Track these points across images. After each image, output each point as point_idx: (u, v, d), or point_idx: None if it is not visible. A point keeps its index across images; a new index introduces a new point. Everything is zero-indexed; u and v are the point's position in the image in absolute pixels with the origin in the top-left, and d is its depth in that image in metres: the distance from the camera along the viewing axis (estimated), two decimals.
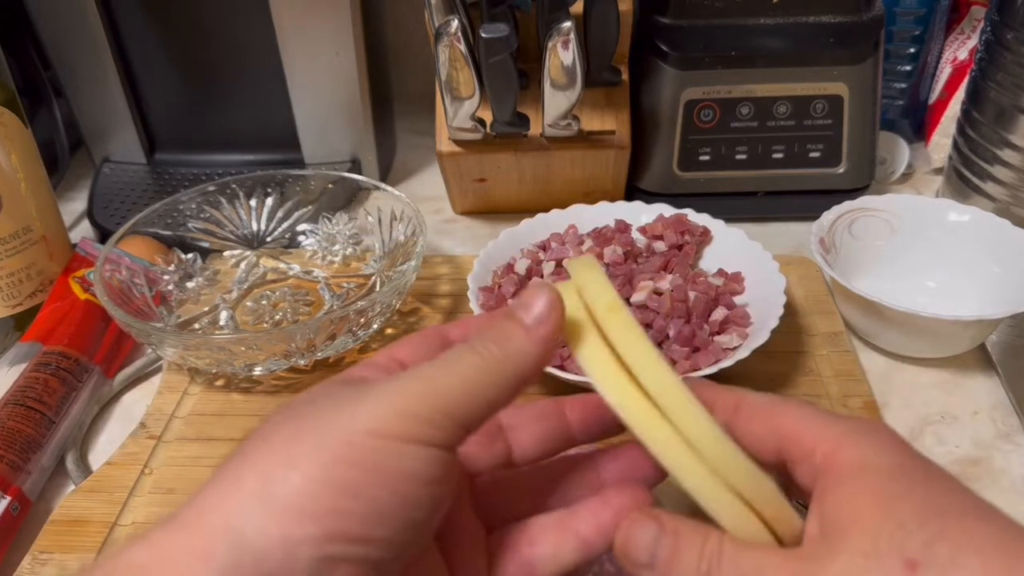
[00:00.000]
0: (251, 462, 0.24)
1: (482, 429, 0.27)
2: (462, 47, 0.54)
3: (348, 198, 0.65)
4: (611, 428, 0.32)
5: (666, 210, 0.60)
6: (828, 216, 0.57)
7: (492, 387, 0.26)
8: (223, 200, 0.63)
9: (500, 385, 0.26)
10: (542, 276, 0.54)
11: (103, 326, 0.56)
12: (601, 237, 0.56)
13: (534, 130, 0.61)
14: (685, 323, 0.49)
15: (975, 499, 0.26)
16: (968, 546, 0.24)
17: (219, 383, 0.54)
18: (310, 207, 0.64)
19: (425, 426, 0.25)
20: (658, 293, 0.51)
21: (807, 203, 0.64)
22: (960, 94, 0.69)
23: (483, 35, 0.53)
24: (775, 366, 0.52)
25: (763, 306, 0.51)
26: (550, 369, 0.48)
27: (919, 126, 0.77)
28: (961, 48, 0.72)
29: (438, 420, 0.25)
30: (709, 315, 0.50)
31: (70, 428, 0.51)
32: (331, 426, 0.24)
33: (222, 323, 0.58)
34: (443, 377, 0.26)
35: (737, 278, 0.54)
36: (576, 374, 0.48)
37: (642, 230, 0.58)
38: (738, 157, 0.65)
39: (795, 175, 0.66)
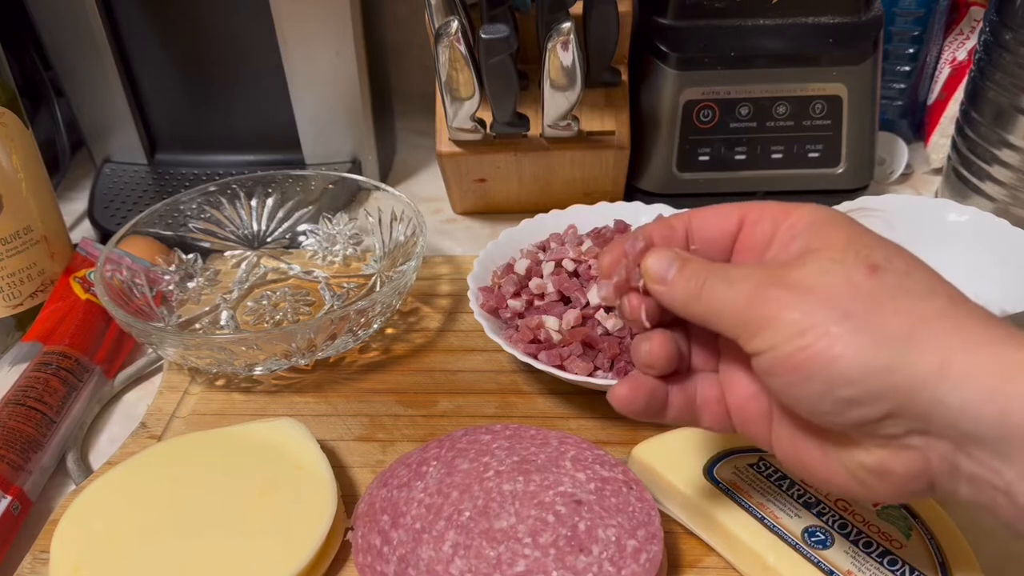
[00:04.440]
0: None
1: None
2: (462, 48, 0.54)
3: (348, 198, 0.65)
4: None
5: (665, 210, 0.60)
6: None
7: None
8: (224, 200, 0.63)
9: None
10: (542, 276, 0.54)
11: (104, 326, 0.56)
12: (600, 237, 0.56)
13: (534, 130, 0.62)
14: None
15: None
16: (920, 265, 0.30)
17: (220, 383, 0.54)
18: (310, 207, 0.64)
19: None
20: None
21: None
22: (959, 94, 0.69)
23: (483, 36, 0.53)
24: None
25: None
26: (550, 369, 0.48)
27: (918, 126, 0.77)
28: (960, 48, 0.72)
29: None
30: None
31: (71, 428, 0.51)
32: None
33: (223, 323, 0.58)
34: None
35: None
36: (576, 374, 0.48)
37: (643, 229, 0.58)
38: (737, 157, 0.65)
39: (794, 175, 0.66)
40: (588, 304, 0.51)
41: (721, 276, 0.31)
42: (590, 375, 0.48)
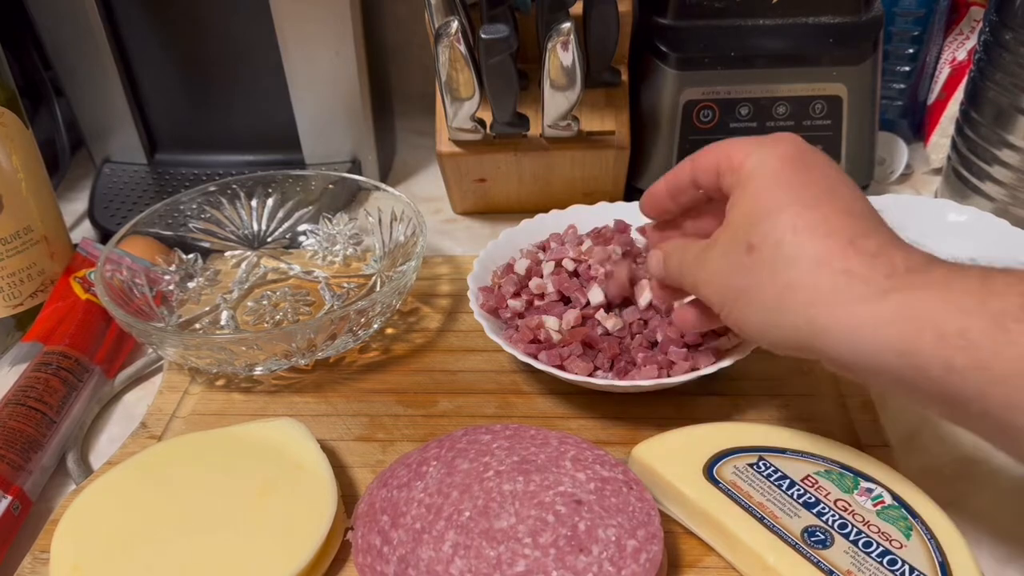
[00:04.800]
0: None
1: None
2: (462, 48, 0.54)
3: (348, 198, 0.65)
4: None
5: None
6: None
7: None
8: (224, 200, 0.63)
9: None
10: (542, 276, 0.54)
11: (104, 326, 0.56)
12: (600, 237, 0.56)
13: (534, 130, 0.62)
14: (671, 325, 0.50)
15: (826, 191, 0.36)
16: (791, 233, 0.35)
17: (220, 383, 0.54)
18: (311, 207, 0.64)
19: None
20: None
21: None
22: (959, 94, 0.69)
23: (483, 36, 0.53)
24: (773, 366, 0.52)
25: None
26: (550, 369, 0.48)
27: (918, 126, 0.77)
28: (960, 49, 0.72)
29: None
30: None
31: (71, 428, 0.51)
32: None
33: (223, 323, 0.58)
34: None
35: None
36: (576, 374, 0.48)
37: (641, 230, 0.58)
38: None
39: None
40: (588, 304, 0.51)
41: (678, 265, 0.42)
42: (590, 375, 0.48)
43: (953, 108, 0.71)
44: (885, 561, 0.37)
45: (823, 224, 0.35)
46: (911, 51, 0.72)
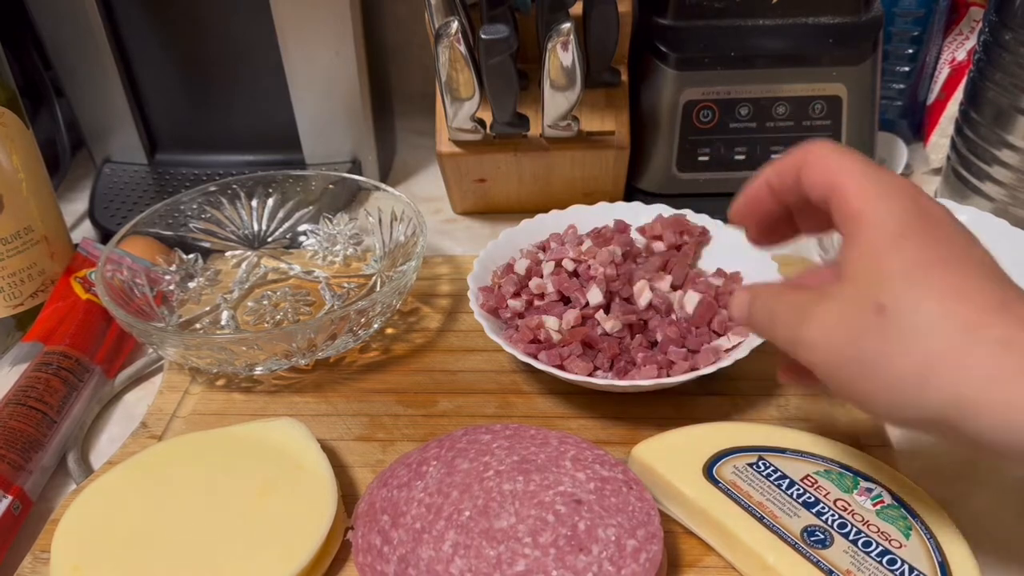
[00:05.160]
0: None
1: None
2: (462, 48, 0.54)
3: (348, 198, 0.65)
4: None
5: (665, 210, 0.60)
6: None
7: None
8: (224, 200, 0.63)
9: None
10: (542, 276, 0.54)
11: (104, 326, 0.56)
12: (600, 237, 0.56)
13: (534, 131, 0.62)
14: (671, 325, 0.50)
15: (961, 251, 0.32)
16: (932, 294, 0.30)
17: (220, 383, 0.54)
18: (311, 207, 0.65)
19: None
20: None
21: None
22: (958, 95, 0.69)
23: (483, 36, 0.53)
24: (774, 366, 0.52)
25: None
26: (550, 369, 0.48)
27: (917, 127, 0.77)
28: (959, 49, 0.72)
29: None
30: (711, 321, 0.51)
31: (71, 428, 0.51)
32: None
33: (223, 323, 0.58)
34: None
35: (736, 278, 0.54)
36: (575, 374, 0.48)
37: (641, 230, 0.58)
38: (737, 158, 0.65)
39: None
40: (588, 304, 0.51)
41: (770, 315, 0.36)
42: (590, 375, 0.49)
43: (953, 108, 0.71)
44: (885, 561, 0.37)
45: (965, 286, 0.30)
46: (911, 51, 0.72)
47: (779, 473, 0.41)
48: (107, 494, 0.43)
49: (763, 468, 0.42)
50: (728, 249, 0.57)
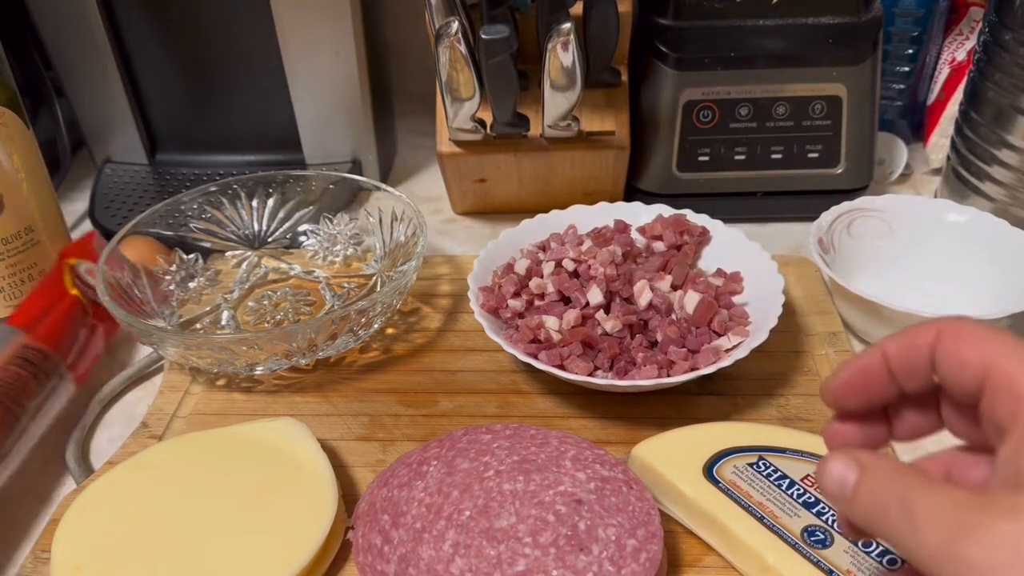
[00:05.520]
0: None
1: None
2: (462, 48, 0.54)
3: (349, 198, 0.65)
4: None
5: (665, 210, 0.60)
6: (827, 216, 0.57)
7: None
8: (224, 200, 0.63)
9: None
10: (542, 276, 0.54)
11: (80, 326, 0.54)
12: (600, 237, 0.56)
13: (534, 131, 0.62)
14: (671, 325, 0.50)
15: None
16: None
17: (220, 383, 0.54)
18: (311, 207, 0.65)
19: None
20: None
21: (806, 203, 0.65)
22: (958, 95, 0.69)
23: (483, 36, 0.53)
24: (774, 366, 0.52)
25: (762, 306, 0.52)
26: (550, 369, 0.48)
27: (917, 127, 0.77)
28: (959, 49, 0.73)
29: None
30: (711, 321, 0.51)
31: (28, 436, 0.48)
32: None
33: (223, 323, 0.58)
34: None
35: (736, 278, 0.54)
36: (576, 374, 0.48)
37: (641, 230, 0.58)
38: (737, 158, 0.65)
39: (794, 175, 0.66)
40: (588, 304, 0.51)
41: (906, 513, 0.25)
42: (590, 375, 0.49)
43: (952, 108, 0.71)
44: (885, 561, 0.37)
45: None
46: (911, 51, 0.72)
47: (779, 473, 0.41)
48: (107, 494, 0.43)
49: (763, 468, 0.42)
50: (728, 249, 0.57)
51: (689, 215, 0.59)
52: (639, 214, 0.60)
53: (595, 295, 0.51)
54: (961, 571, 0.23)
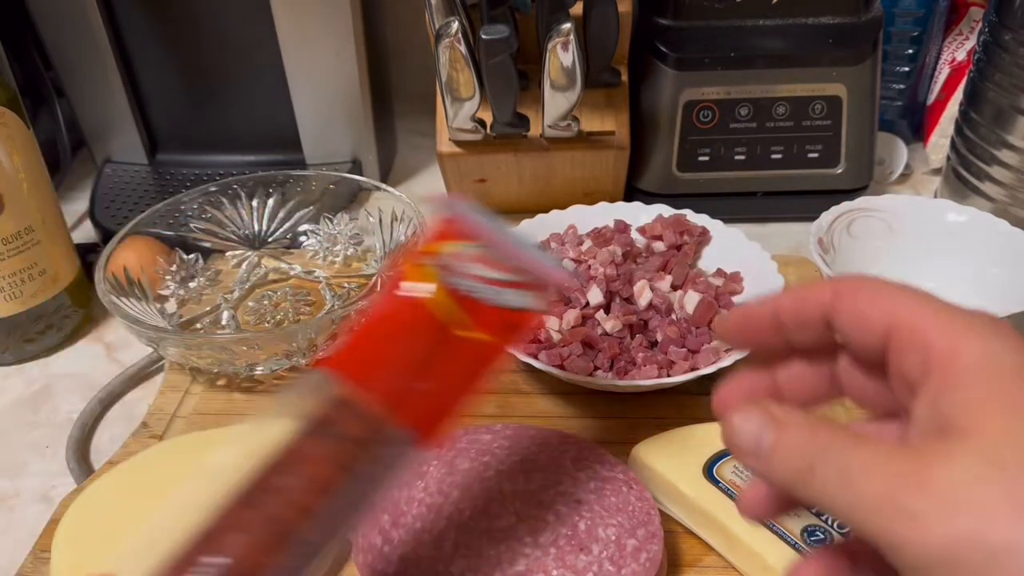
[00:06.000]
0: None
1: None
2: (462, 48, 0.54)
3: (349, 198, 0.65)
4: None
5: (665, 210, 0.60)
6: (827, 216, 0.57)
7: None
8: (225, 200, 0.63)
9: None
10: None
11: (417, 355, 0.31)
12: (600, 237, 0.56)
13: (534, 131, 0.62)
14: (671, 325, 0.50)
15: None
16: None
17: (221, 383, 0.54)
18: (311, 207, 0.64)
19: None
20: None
21: (806, 203, 0.64)
22: (958, 95, 0.69)
23: (483, 36, 0.53)
24: None
25: None
26: (550, 369, 0.48)
27: (917, 127, 0.77)
28: (959, 49, 0.73)
29: None
30: (711, 321, 0.51)
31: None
32: None
33: (224, 323, 0.58)
34: None
35: (736, 278, 0.54)
36: (576, 374, 0.48)
37: (641, 230, 0.58)
38: (737, 158, 0.65)
39: (794, 175, 0.66)
40: (588, 304, 0.51)
41: (834, 465, 0.24)
42: (590, 375, 0.49)
43: (952, 108, 0.71)
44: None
45: None
46: (910, 51, 0.72)
47: None
48: (108, 494, 0.43)
49: None
50: (728, 249, 0.57)
51: (689, 215, 0.59)
52: (639, 214, 0.60)
53: (595, 295, 0.51)
54: (906, 522, 0.23)
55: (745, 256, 0.56)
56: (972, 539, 0.21)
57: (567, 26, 0.53)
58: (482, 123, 0.61)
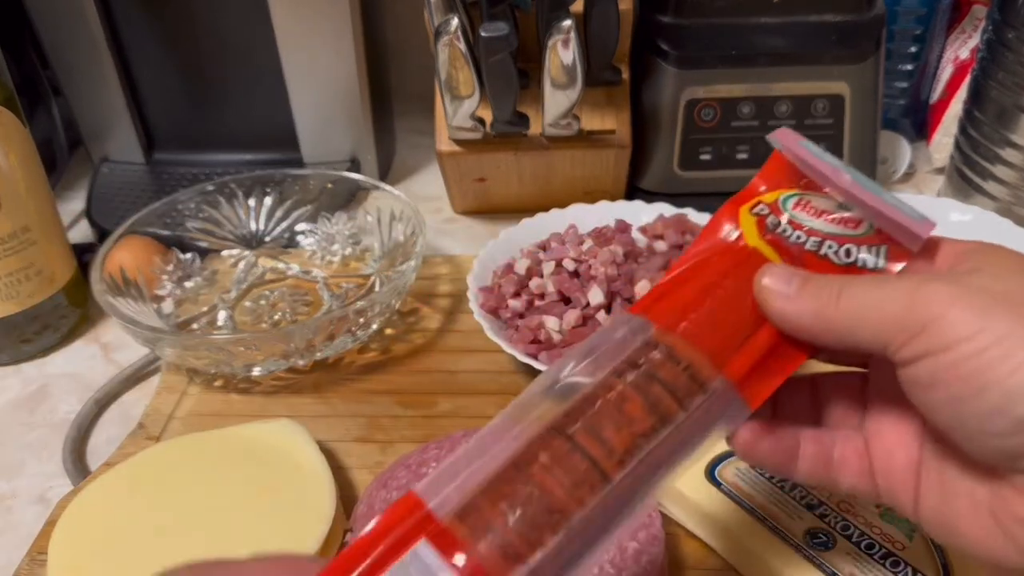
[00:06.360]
0: None
1: None
2: (462, 46, 0.54)
3: (347, 198, 0.65)
4: None
5: (667, 210, 0.59)
6: None
7: None
8: (222, 200, 0.63)
9: None
10: (542, 276, 0.54)
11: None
12: (601, 237, 0.56)
13: (534, 129, 0.61)
14: None
15: None
16: None
17: (218, 383, 0.54)
18: (309, 207, 0.64)
19: None
20: None
21: None
22: (962, 93, 0.68)
23: (483, 34, 0.53)
24: None
25: None
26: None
27: (920, 125, 0.77)
28: (962, 47, 0.72)
29: None
30: None
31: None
32: None
33: (220, 323, 0.58)
34: None
35: None
36: None
37: (642, 230, 0.58)
38: (739, 156, 0.65)
39: None
40: (588, 304, 0.51)
41: (863, 280, 0.26)
42: None
43: (956, 107, 0.71)
44: (888, 563, 0.37)
45: None
46: (913, 50, 0.72)
47: None
48: (104, 496, 0.43)
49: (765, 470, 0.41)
50: None
51: (691, 214, 0.58)
52: (640, 213, 0.60)
53: (596, 295, 0.51)
54: (929, 304, 0.24)
55: None
56: (1000, 307, 0.24)
57: (567, 24, 0.53)
58: (482, 121, 0.60)
